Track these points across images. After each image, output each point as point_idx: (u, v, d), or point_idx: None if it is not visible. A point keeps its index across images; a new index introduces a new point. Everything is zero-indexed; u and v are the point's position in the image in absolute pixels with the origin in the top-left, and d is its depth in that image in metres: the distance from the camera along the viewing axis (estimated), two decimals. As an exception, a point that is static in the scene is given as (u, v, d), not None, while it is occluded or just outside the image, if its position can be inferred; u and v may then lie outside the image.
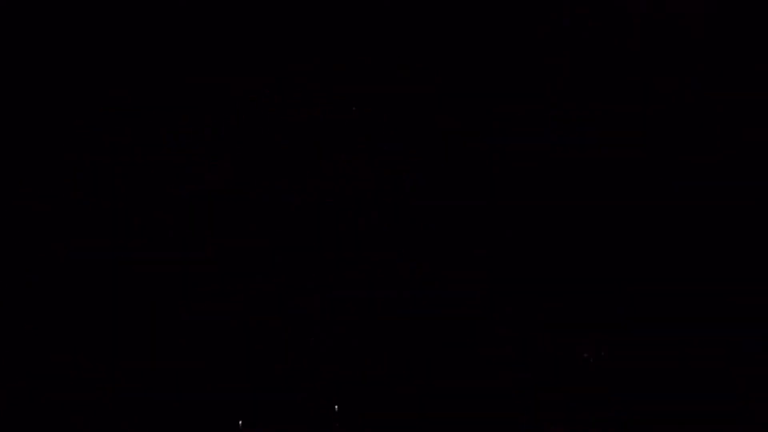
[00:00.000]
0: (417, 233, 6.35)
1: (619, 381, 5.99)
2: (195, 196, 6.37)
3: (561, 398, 6.00)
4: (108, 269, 6.22)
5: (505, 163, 6.40)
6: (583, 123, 6.37)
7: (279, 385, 6.15)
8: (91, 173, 6.31)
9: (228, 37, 6.39)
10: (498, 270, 6.30)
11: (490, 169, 6.40)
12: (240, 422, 5.87)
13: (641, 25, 6.35)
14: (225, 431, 5.98)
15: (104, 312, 6.15)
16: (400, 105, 6.44)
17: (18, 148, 6.25)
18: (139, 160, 6.39)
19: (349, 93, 6.47)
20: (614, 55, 6.36)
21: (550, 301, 6.21)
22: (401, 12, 6.34)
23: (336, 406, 5.91)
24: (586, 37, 6.32)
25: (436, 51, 6.40)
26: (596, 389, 6.00)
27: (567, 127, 6.38)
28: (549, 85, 6.40)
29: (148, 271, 6.24)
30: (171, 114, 6.41)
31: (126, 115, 6.39)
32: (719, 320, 6.01)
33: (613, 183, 6.32)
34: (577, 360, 6.09)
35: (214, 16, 6.34)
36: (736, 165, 6.25)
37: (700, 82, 6.32)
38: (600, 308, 6.17)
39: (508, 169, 6.39)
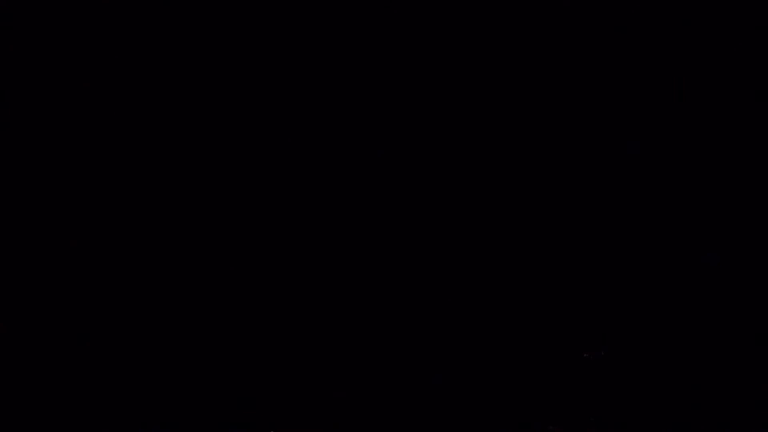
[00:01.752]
0: (417, 233, 6.36)
1: (619, 381, 6.00)
2: (195, 196, 6.37)
3: (561, 398, 6.01)
4: (108, 269, 6.22)
5: (505, 163, 6.40)
6: (583, 123, 6.37)
7: (279, 385, 6.16)
8: (91, 173, 6.31)
9: (228, 37, 6.39)
10: (498, 270, 6.31)
11: (490, 169, 6.41)
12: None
13: (641, 25, 6.35)
14: (225, 431, 5.99)
15: (104, 312, 6.16)
16: (400, 105, 6.45)
17: (18, 148, 6.25)
18: (139, 160, 6.39)
19: (349, 93, 6.47)
20: (614, 55, 6.36)
21: (550, 301, 6.22)
22: (401, 12, 6.34)
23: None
24: (586, 37, 6.33)
25: (436, 51, 6.40)
26: (596, 389, 6.01)
27: (568, 127, 6.38)
28: (549, 85, 6.40)
29: (147, 271, 6.24)
30: (171, 114, 6.41)
31: (126, 115, 6.39)
32: (719, 320, 6.02)
33: (613, 183, 6.32)
34: (577, 360, 6.10)
35: (215, 16, 6.34)
36: (736, 165, 6.25)
37: (699, 81, 6.32)
38: (600, 308, 6.18)
39: (508, 169, 6.40)
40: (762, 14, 6.12)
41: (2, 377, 5.95)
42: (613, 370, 6.05)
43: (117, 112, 6.34)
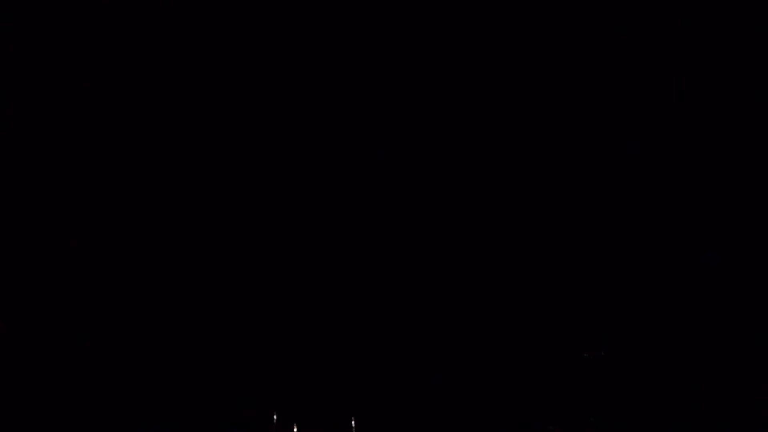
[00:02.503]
0: (417, 233, 6.37)
1: (619, 381, 6.01)
2: (196, 196, 6.38)
3: (561, 398, 6.02)
4: (108, 269, 6.23)
5: (505, 163, 6.41)
6: (583, 123, 6.38)
7: (279, 385, 6.17)
8: (91, 173, 6.32)
9: (228, 37, 6.40)
10: (498, 271, 6.31)
11: (489, 170, 6.41)
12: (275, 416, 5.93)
13: (641, 25, 6.36)
14: (225, 431, 6.00)
15: (104, 312, 6.17)
16: (399, 105, 6.45)
17: (18, 147, 6.25)
18: (139, 161, 6.39)
19: (349, 93, 6.48)
20: (614, 55, 6.36)
21: (550, 301, 6.23)
22: (401, 12, 6.35)
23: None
24: (586, 37, 6.33)
25: (436, 52, 6.41)
26: (596, 389, 6.01)
27: (568, 127, 6.39)
28: (549, 85, 6.40)
29: (147, 271, 6.25)
30: (171, 114, 6.42)
31: (126, 115, 6.40)
32: (719, 320, 6.02)
33: (613, 183, 6.33)
34: (577, 360, 6.11)
35: (215, 17, 6.34)
36: (735, 165, 6.26)
37: (699, 81, 6.32)
38: (600, 308, 6.19)
39: (508, 169, 6.40)
40: (762, 14, 6.12)
41: (2, 377, 5.95)
42: (613, 370, 6.05)
43: (117, 112, 6.34)
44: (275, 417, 5.96)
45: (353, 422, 5.91)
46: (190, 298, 6.20)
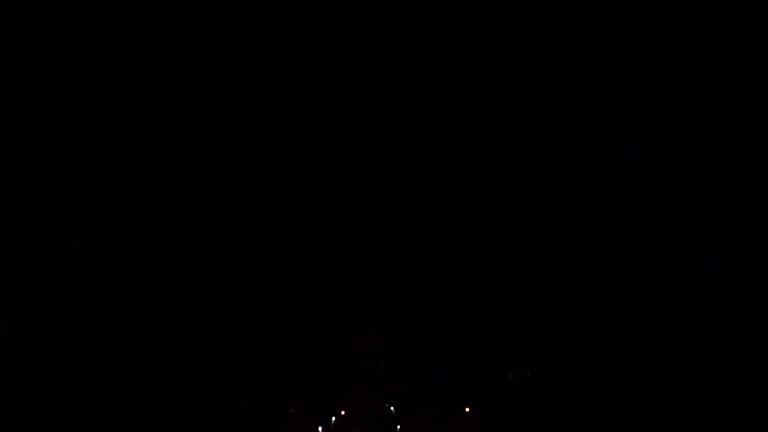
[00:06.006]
0: (417, 233, 6.36)
1: (619, 381, 6.00)
2: (195, 197, 6.38)
3: (561, 398, 6.01)
4: (108, 269, 6.22)
5: (506, 163, 6.40)
6: (583, 123, 6.37)
7: (278, 385, 6.16)
8: (91, 174, 6.31)
9: (228, 37, 6.38)
10: (498, 270, 6.31)
11: (489, 170, 6.41)
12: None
13: (641, 25, 6.34)
14: (225, 431, 5.99)
15: (104, 312, 6.15)
16: (399, 105, 6.45)
17: (18, 147, 6.24)
18: (139, 161, 6.39)
19: (350, 94, 6.47)
20: (614, 54, 6.35)
21: (550, 301, 6.22)
22: (401, 14, 6.33)
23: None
24: (586, 38, 6.32)
25: (435, 54, 6.40)
26: (596, 389, 6.00)
27: (568, 127, 6.38)
28: (549, 85, 6.39)
29: (147, 271, 6.23)
30: (171, 114, 6.40)
31: (126, 115, 6.39)
32: (719, 320, 6.01)
33: (613, 183, 6.32)
34: (575, 361, 6.11)
35: (215, 17, 6.33)
36: (735, 165, 6.25)
37: (699, 81, 6.31)
38: (600, 308, 6.18)
39: (507, 169, 6.40)
40: (762, 14, 6.11)
41: (2, 377, 5.95)
42: (613, 370, 6.05)
43: (117, 112, 6.33)
44: (275, 417, 5.96)
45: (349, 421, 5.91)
46: (190, 298, 6.20)
